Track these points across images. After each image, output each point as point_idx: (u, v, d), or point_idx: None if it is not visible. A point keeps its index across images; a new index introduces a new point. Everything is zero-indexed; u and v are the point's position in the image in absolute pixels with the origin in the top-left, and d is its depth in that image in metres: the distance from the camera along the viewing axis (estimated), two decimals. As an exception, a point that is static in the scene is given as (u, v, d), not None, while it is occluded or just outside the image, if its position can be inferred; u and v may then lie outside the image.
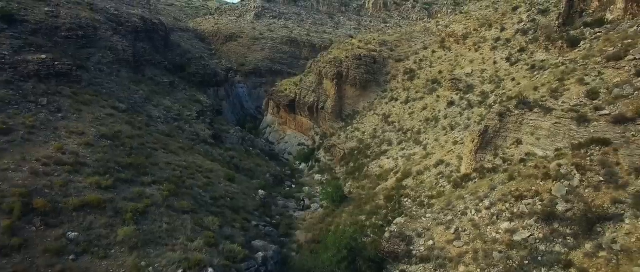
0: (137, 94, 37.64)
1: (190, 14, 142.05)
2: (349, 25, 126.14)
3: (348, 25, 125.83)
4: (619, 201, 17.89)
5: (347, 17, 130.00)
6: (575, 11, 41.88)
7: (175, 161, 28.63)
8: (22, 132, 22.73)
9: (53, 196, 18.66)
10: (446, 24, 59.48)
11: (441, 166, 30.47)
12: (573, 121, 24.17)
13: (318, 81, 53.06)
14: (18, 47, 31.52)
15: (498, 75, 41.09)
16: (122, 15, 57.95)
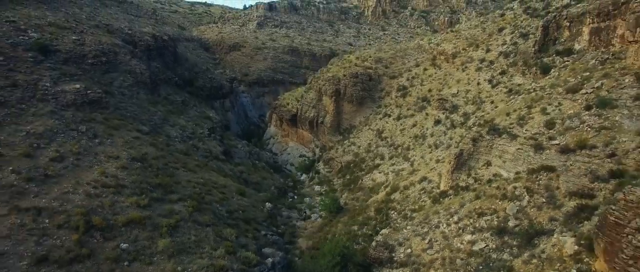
0: (156, 116, 42.60)
1: (193, 21, 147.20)
2: (349, 33, 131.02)
3: (348, 33, 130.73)
4: (554, 218, 22.79)
5: (346, 25, 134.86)
6: (549, 39, 46.68)
7: (194, 178, 33.59)
8: (71, 158, 27.69)
9: (105, 214, 23.64)
10: (438, 42, 64.33)
11: (424, 182, 35.39)
12: (531, 148, 29.15)
13: (318, 97, 58.08)
14: (56, 78, 36.53)
15: (480, 96, 45.95)
16: (135, 35, 63.12)
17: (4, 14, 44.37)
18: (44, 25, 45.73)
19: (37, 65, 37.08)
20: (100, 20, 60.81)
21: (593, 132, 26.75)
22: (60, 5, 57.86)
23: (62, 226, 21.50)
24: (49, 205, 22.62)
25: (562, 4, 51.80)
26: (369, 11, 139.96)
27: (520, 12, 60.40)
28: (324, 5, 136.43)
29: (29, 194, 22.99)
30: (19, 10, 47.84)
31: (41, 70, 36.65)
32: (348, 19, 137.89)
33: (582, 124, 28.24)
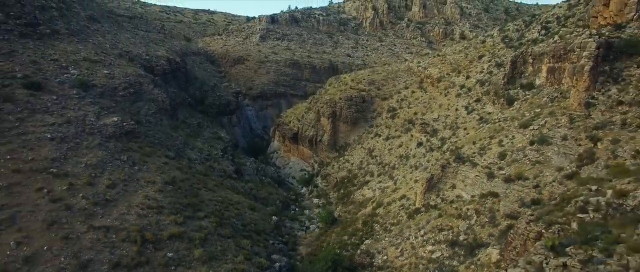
0: (178, 140, 50.58)
1: (198, 31, 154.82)
2: (347, 44, 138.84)
3: (346, 45, 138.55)
4: (492, 234, 30.72)
5: (345, 36, 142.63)
6: (517, 72, 54.49)
7: (214, 197, 41.62)
8: (121, 185, 35.69)
9: (153, 230, 31.65)
10: (425, 66, 72.15)
11: (403, 200, 43.34)
12: (485, 176, 37.10)
13: (317, 118, 66.04)
14: (98, 112, 44.53)
15: (456, 122, 53.84)
16: (152, 60, 71.27)
17: (47, 52, 52.46)
18: (79, 60, 53.83)
19: (81, 101, 45.09)
20: (122, 48, 68.78)
21: (529, 165, 34.72)
22: (87, 35, 65.87)
23: (125, 240, 29.53)
24: (113, 224, 30.64)
25: (531, 38, 59.60)
26: (367, 22, 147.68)
27: (498, 40, 68.08)
28: (323, 17, 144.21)
29: (97, 215, 31.02)
30: (57, 46, 55.88)
31: (85, 105, 44.65)
32: (347, 30, 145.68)
33: (524, 157, 36.23)
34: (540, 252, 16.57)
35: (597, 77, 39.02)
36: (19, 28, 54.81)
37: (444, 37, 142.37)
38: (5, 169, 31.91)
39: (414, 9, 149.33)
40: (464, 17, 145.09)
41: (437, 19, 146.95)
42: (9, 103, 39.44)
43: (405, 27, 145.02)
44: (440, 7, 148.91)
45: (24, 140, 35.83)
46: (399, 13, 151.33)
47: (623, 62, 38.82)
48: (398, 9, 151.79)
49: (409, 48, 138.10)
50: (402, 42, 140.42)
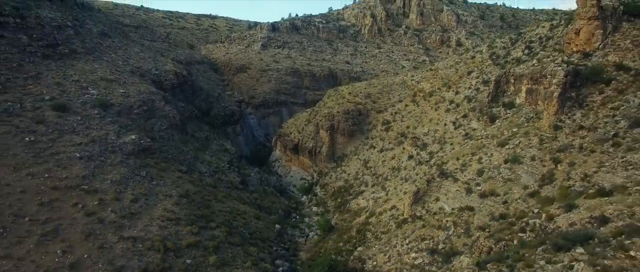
0: (188, 155, 55.81)
1: (201, 38, 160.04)
2: (346, 51, 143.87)
3: (345, 52, 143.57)
4: (466, 244, 35.84)
5: (344, 43, 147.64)
6: (500, 90, 59.57)
7: (223, 208, 46.82)
8: (142, 199, 40.89)
9: (173, 240, 36.83)
10: (418, 80, 77.22)
11: (393, 210, 48.50)
12: (464, 191, 42.25)
13: (316, 131, 71.21)
14: (117, 131, 49.71)
15: (444, 136, 58.94)
16: (161, 74, 76.50)
17: (68, 73, 57.68)
18: (97, 80, 59.03)
19: (102, 120, 50.28)
20: (133, 64, 73.97)
21: (502, 183, 39.89)
22: (101, 53, 71.05)
23: (150, 249, 34.75)
24: (139, 235, 35.86)
25: (516, 57, 64.58)
26: (366, 29, 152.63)
27: (487, 57, 72.94)
28: (323, 24, 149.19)
29: (125, 227, 36.24)
30: (76, 66, 61.11)
31: (106, 124, 49.84)
32: (346, 37, 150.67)
33: (498, 175, 41.40)
34: (470, 267, 21.70)
35: (565, 102, 44.14)
36: (41, 49, 60.08)
37: (440, 44, 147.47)
38: (45, 186, 37.14)
39: (412, 16, 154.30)
40: (460, 24, 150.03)
41: (434, 26, 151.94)
42: (41, 125, 44.66)
43: (403, 34, 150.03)
44: (437, 14, 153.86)
45: (57, 159, 41.04)
46: (397, 20, 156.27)
47: (588, 89, 43.92)
48: (396, 16, 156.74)
49: (406, 55, 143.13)
50: (400, 50, 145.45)
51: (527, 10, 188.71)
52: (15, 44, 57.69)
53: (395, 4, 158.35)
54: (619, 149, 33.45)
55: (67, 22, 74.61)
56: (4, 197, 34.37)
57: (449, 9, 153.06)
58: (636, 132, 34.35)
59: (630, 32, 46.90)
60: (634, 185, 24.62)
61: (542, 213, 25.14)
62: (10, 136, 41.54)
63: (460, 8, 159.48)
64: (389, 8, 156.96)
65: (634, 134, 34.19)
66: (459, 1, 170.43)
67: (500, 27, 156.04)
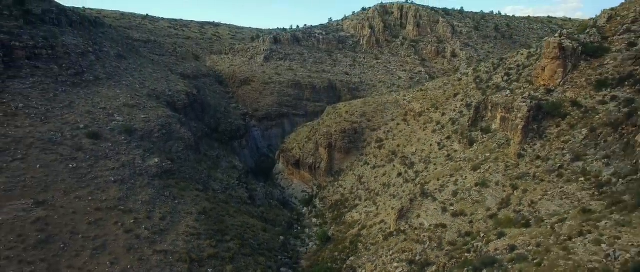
0: (203, 174, 64.14)
1: (205, 48, 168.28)
2: (345, 62, 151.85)
3: (344, 63, 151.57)
4: (438, 256, 44.02)
5: (343, 54, 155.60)
6: (480, 115, 67.63)
7: (235, 222, 55.15)
8: (168, 217, 49.20)
9: (196, 252, 45.15)
10: (409, 100, 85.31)
11: (382, 224, 56.71)
12: (441, 209, 50.41)
13: (315, 148, 79.41)
14: (142, 155, 58.02)
15: (430, 156, 67.07)
16: (174, 95, 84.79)
17: (96, 100, 66.03)
18: (121, 106, 67.38)
19: (129, 145, 58.62)
20: (149, 86, 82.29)
21: (471, 204, 48.09)
22: (120, 77, 79.43)
23: (179, 260, 43.05)
24: (169, 248, 44.20)
25: (496, 82, 72.56)
26: (364, 40, 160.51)
27: (471, 80, 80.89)
28: (323, 36, 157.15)
29: (157, 242, 44.59)
30: (101, 92, 69.47)
31: (132, 149, 58.18)
32: (345, 48, 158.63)
33: (469, 197, 49.56)
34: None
35: (528, 133, 52.21)
36: (70, 78, 68.62)
37: (436, 55, 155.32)
38: (90, 208, 45.54)
39: (409, 27, 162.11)
40: (455, 35, 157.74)
41: (430, 37, 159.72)
42: (80, 152, 53.03)
43: (400, 45, 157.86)
44: (433, 25, 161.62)
45: (97, 183, 49.42)
46: (394, 31, 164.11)
47: (548, 122, 51.95)
48: (394, 27, 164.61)
49: (403, 66, 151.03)
50: (397, 60, 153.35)
51: (522, 19, 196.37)
52: (49, 74, 66.27)
53: (393, 15, 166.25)
54: (560, 180, 41.61)
55: (89, 48, 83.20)
56: (60, 217, 42.80)
57: (444, 21, 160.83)
58: (575, 165, 42.46)
59: (586, 71, 54.88)
60: (555, 216, 32.68)
61: (485, 237, 33.30)
62: (57, 163, 49.92)
63: (455, 19, 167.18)
64: (387, 19, 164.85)
65: (574, 167, 42.32)
66: (454, 12, 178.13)
67: (494, 38, 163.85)
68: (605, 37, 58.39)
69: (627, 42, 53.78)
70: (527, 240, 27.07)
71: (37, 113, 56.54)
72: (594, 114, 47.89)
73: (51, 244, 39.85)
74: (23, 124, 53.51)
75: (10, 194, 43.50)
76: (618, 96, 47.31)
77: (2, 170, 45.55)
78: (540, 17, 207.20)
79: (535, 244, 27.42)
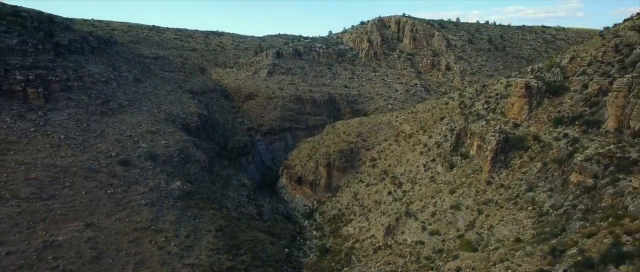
0: (217, 193, 74.41)
1: (210, 60, 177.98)
2: (345, 75, 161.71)
3: (344, 75, 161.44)
4: (415, 269, 54.27)
5: (343, 67, 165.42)
6: (461, 141, 77.75)
7: (247, 237, 65.50)
8: (192, 235, 59.52)
9: (218, 265, 55.53)
10: (401, 121, 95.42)
11: (372, 238, 66.98)
12: (420, 228, 60.70)
13: (315, 167, 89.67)
14: (166, 179, 68.31)
15: (416, 177, 77.25)
16: (187, 117, 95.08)
17: (122, 128, 76.34)
18: (144, 133, 77.69)
19: (154, 170, 68.93)
20: (165, 110, 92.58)
21: (445, 224, 58.37)
22: (140, 103, 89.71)
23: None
24: (195, 262, 54.56)
25: (476, 109, 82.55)
26: (363, 53, 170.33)
27: (456, 105, 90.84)
28: (323, 49, 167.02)
29: (185, 257, 54.94)
30: (125, 120, 79.77)
31: (157, 174, 68.51)
32: (344, 61, 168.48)
33: (444, 218, 59.84)
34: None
35: (496, 163, 62.40)
36: (99, 107, 79.01)
37: (431, 68, 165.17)
38: (129, 228, 55.92)
39: (405, 41, 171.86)
40: (449, 48, 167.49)
41: (426, 50, 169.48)
42: (115, 178, 63.40)
43: (397, 58, 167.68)
44: (429, 39, 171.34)
45: (131, 207, 59.79)
46: (391, 44, 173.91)
47: (513, 154, 62.12)
48: (391, 40, 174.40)
49: (399, 78, 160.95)
50: (394, 73, 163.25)
51: (516, 29, 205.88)
52: (81, 104, 76.69)
53: (390, 29, 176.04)
54: (515, 207, 51.86)
55: (110, 75, 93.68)
56: (106, 237, 53.21)
57: (439, 34, 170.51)
58: (528, 195, 52.67)
59: (548, 108, 65.02)
60: (500, 241, 42.86)
61: (446, 257, 43.46)
62: (97, 189, 60.31)
63: (450, 32, 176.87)
64: (385, 33, 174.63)
65: (526, 196, 52.54)
66: (450, 24, 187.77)
67: (487, 50, 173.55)
68: (567, 77, 68.63)
69: (581, 83, 63.96)
70: (469, 264, 37.33)
71: (76, 143, 66.91)
72: (549, 149, 58.07)
73: (102, 260, 50.29)
74: (66, 154, 63.90)
75: (65, 217, 53.93)
76: (568, 134, 57.44)
77: (57, 196, 55.98)
78: (534, 27, 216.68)
79: (472, 267, 37.74)
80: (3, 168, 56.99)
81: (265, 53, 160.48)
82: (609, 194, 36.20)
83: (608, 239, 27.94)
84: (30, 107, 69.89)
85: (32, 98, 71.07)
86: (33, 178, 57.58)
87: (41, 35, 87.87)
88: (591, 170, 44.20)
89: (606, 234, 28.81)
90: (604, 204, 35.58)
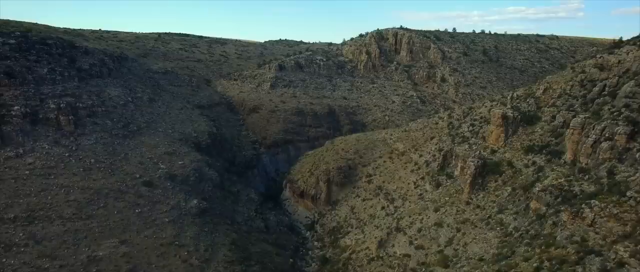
0: (229, 208, 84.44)
1: (215, 70, 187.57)
2: (344, 86, 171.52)
3: (343, 87, 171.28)
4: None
5: (342, 79, 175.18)
6: (447, 162, 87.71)
7: (256, 249, 75.70)
8: (210, 249, 69.60)
9: (232, 275, 65.77)
10: (395, 139, 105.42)
11: (367, 250, 77.12)
12: (408, 243, 70.90)
13: (316, 182, 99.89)
14: (185, 198, 78.37)
15: (407, 194, 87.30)
16: (198, 136, 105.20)
17: (142, 151, 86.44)
18: (162, 154, 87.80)
19: (174, 190, 79.05)
20: (178, 130, 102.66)
21: (428, 239, 68.55)
22: (156, 124, 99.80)
23: (221, 282, 63.70)
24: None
25: (462, 131, 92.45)
26: (362, 65, 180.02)
27: (445, 125, 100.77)
28: (324, 62, 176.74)
29: (205, 269, 65.11)
30: (145, 142, 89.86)
31: (177, 193, 78.63)
32: (344, 73, 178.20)
33: (428, 234, 70.01)
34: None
35: (474, 185, 72.44)
36: (121, 131, 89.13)
37: (427, 80, 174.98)
38: (156, 244, 66.13)
39: (402, 53, 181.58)
40: (445, 60, 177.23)
41: (422, 62, 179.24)
42: (141, 199, 73.58)
43: (394, 70, 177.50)
44: (425, 51, 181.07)
45: (157, 224, 70.01)
46: (389, 56, 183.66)
47: (489, 178, 72.12)
48: (389, 52, 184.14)
49: (396, 90, 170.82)
50: (391, 84, 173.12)
51: (511, 39, 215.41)
52: (106, 129, 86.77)
53: (388, 41, 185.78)
54: (486, 227, 61.98)
55: (128, 97, 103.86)
56: (138, 252, 63.44)
57: (435, 46, 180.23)
58: (498, 216, 62.75)
59: (521, 136, 75.03)
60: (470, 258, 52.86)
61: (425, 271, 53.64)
62: (127, 209, 70.52)
63: (446, 44, 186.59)
64: (383, 45, 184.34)
65: (497, 218, 62.63)
66: (446, 35, 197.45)
67: (481, 62, 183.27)
68: (540, 107, 78.67)
69: (551, 115, 73.99)
70: (440, 279, 47.47)
71: (105, 167, 76.98)
72: (519, 175, 68.13)
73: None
74: (97, 177, 74.02)
75: (102, 234, 64.17)
76: (536, 162, 67.49)
77: (94, 216, 66.18)
78: (529, 36, 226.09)
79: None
80: (48, 191, 67.18)
81: (268, 66, 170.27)
82: (549, 224, 46.29)
83: (535, 264, 37.93)
84: (63, 133, 79.88)
85: (64, 124, 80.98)
86: (72, 200, 67.75)
87: (65, 61, 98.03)
88: (545, 199, 54.32)
89: (536, 259, 38.85)
90: (545, 232, 45.68)
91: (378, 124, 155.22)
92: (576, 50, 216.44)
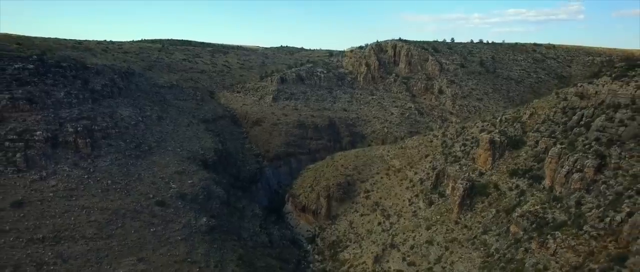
0: (235, 224, 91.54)
1: (218, 82, 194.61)
2: (344, 98, 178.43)
3: (343, 99, 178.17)
4: (396, 293, 71.39)
5: (342, 91, 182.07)
6: (439, 181, 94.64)
7: (261, 263, 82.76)
8: (220, 264, 76.71)
9: (240, 290, 72.82)
10: (391, 156, 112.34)
11: (363, 264, 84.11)
12: (401, 259, 77.90)
13: (317, 198, 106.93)
14: (195, 216, 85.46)
15: (402, 211, 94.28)
16: (205, 153, 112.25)
17: (155, 170, 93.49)
18: (172, 174, 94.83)
19: (185, 208, 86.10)
20: (186, 148, 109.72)
21: (420, 257, 75.56)
22: (165, 143, 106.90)
23: (230, 296, 70.78)
24: (223, 288, 71.89)
25: (454, 151, 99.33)
26: (361, 77, 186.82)
27: (439, 143, 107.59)
28: (324, 74, 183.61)
29: (215, 284, 72.24)
30: (156, 161, 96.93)
31: (187, 211, 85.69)
32: (344, 84, 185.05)
33: (420, 251, 77.00)
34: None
35: (463, 206, 79.37)
36: (133, 151, 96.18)
37: (425, 91, 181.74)
38: (170, 261, 73.17)
39: (401, 65, 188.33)
40: (442, 72, 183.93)
41: (420, 74, 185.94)
42: (155, 218, 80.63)
43: (393, 81, 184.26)
44: (423, 63, 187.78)
45: (171, 242, 77.07)
46: (388, 68, 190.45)
47: (477, 199, 79.05)
48: (388, 64, 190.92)
49: (395, 102, 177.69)
50: (390, 96, 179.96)
51: (508, 49, 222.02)
52: (119, 149, 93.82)
53: (387, 53, 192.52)
54: (471, 247, 68.91)
55: (138, 116, 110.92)
56: (155, 269, 70.52)
57: (433, 58, 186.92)
58: (483, 237, 69.69)
59: (507, 160, 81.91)
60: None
61: (413, 290, 60.57)
62: (143, 228, 77.59)
63: (443, 56, 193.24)
64: (382, 57, 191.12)
65: (481, 238, 69.57)
66: (443, 46, 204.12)
67: (478, 73, 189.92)
68: (525, 131, 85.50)
69: (535, 140, 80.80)
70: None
71: (121, 187, 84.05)
72: (503, 198, 75.06)
73: (154, 288, 67.66)
74: (115, 198, 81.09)
75: (121, 253, 71.27)
76: (519, 185, 74.38)
77: (113, 235, 73.28)
78: (526, 45, 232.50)
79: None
80: (70, 212, 74.28)
81: (270, 79, 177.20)
82: (522, 250, 53.21)
83: (505, 289, 44.85)
84: (81, 155, 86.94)
85: (81, 147, 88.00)
86: (93, 220, 74.84)
87: (79, 84, 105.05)
88: (522, 225, 61.26)
89: (506, 284, 45.78)
90: (518, 257, 52.62)
91: (377, 135, 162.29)
92: (572, 60, 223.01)
